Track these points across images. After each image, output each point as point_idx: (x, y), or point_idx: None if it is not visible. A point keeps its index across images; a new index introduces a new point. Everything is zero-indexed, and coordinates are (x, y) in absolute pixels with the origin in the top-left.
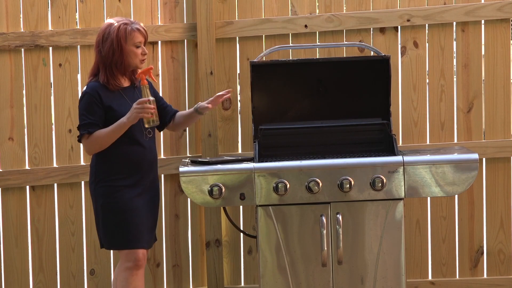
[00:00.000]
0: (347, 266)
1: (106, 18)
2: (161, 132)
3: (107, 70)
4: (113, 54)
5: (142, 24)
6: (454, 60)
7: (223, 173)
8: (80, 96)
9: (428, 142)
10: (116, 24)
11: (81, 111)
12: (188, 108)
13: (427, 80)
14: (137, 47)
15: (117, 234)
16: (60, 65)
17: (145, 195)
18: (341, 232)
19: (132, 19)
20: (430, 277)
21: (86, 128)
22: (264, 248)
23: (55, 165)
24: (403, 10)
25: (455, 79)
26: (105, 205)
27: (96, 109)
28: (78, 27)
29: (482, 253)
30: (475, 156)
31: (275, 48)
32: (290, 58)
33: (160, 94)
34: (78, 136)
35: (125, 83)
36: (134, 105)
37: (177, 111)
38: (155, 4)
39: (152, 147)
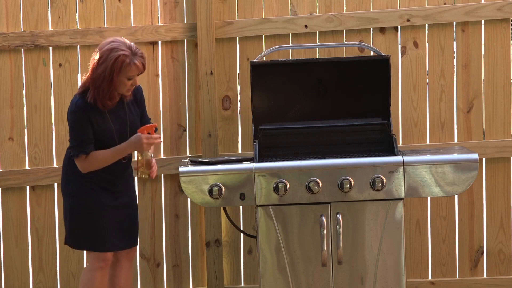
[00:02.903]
0: (347, 266)
1: (106, 18)
2: (161, 132)
3: (95, 92)
4: (102, 81)
5: (143, 56)
6: (454, 60)
7: (223, 173)
8: (69, 114)
9: (428, 142)
10: (118, 52)
11: (73, 130)
12: (189, 112)
13: (427, 80)
14: (129, 79)
15: (84, 235)
16: (60, 65)
17: (119, 197)
18: (341, 232)
19: (137, 48)
20: (430, 277)
21: (82, 148)
22: (264, 248)
23: (55, 165)
24: (403, 10)
25: (455, 79)
26: (74, 205)
27: (86, 125)
28: (78, 27)
29: (482, 253)
30: (475, 156)
31: (275, 48)
32: (290, 58)
33: (160, 100)
34: (71, 156)
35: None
36: (143, 137)
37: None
38: (155, 4)
39: (128, 165)
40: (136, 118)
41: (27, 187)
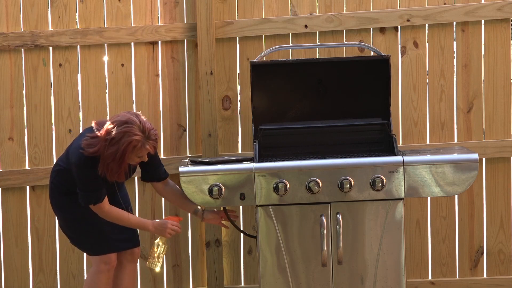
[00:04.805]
0: (347, 266)
1: (106, 18)
2: (161, 132)
3: (104, 168)
4: (112, 160)
5: (155, 138)
6: (454, 60)
7: (223, 173)
8: (76, 167)
9: (428, 142)
10: (131, 137)
11: (83, 181)
12: (189, 112)
13: (427, 80)
14: (139, 157)
15: (85, 242)
16: (60, 65)
17: (109, 200)
18: (341, 232)
19: (151, 130)
20: (430, 277)
21: (97, 195)
22: (264, 248)
23: None
24: (403, 10)
25: (455, 79)
26: (66, 217)
27: (95, 175)
28: (78, 27)
29: (482, 253)
30: (475, 156)
31: (275, 48)
32: (290, 58)
33: (160, 100)
34: (85, 202)
35: None
36: (169, 223)
37: (167, 176)
38: (155, 4)
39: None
40: (133, 171)
41: (27, 187)
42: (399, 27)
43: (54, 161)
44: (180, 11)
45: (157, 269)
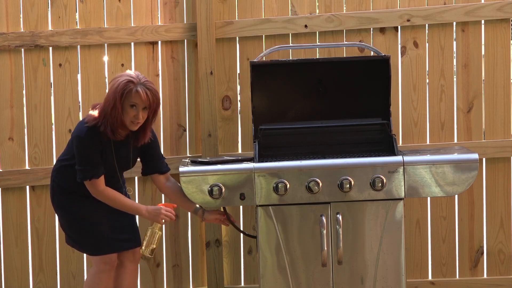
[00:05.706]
0: (347, 266)
1: (106, 18)
2: (161, 132)
3: (105, 120)
4: (108, 106)
5: (151, 89)
6: (454, 60)
7: (223, 173)
8: (76, 139)
9: (428, 142)
10: (124, 78)
11: (82, 154)
12: (189, 112)
13: (427, 80)
14: (132, 106)
15: (85, 242)
16: (60, 65)
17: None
18: (341, 232)
19: (146, 81)
20: (430, 277)
21: (93, 171)
22: (264, 248)
23: None
24: (403, 10)
25: (455, 79)
26: (67, 216)
27: (95, 149)
28: (78, 27)
29: (482, 253)
30: (475, 156)
31: (275, 48)
32: (290, 58)
33: (160, 95)
34: (80, 178)
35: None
36: (163, 209)
37: (168, 170)
38: (155, 4)
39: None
40: (135, 159)
41: (27, 187)
42: (399, 27)
43: (54, 161)
44: (180, 11)
45: (150, 256)
